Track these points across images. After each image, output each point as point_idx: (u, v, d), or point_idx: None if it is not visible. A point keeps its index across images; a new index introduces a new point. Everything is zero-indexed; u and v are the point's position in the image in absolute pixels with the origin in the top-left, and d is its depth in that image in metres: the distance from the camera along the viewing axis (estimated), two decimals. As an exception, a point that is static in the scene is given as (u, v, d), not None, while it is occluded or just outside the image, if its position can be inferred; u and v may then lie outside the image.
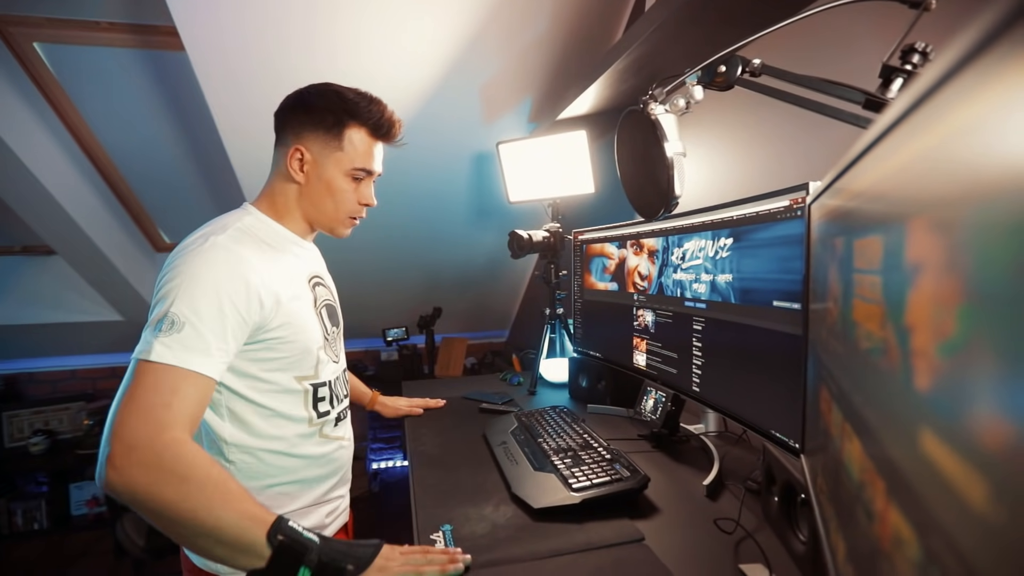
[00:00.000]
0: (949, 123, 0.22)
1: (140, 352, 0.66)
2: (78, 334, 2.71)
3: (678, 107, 0.83)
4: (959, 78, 0.20)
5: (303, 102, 0.85)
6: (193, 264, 0.71)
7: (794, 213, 0.77)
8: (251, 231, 0.83)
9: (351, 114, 0.84)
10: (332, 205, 0.87)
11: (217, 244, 0.74)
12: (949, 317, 0.21)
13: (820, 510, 0.56)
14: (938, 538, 0.22)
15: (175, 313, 0.66)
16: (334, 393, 0.93)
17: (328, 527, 0.93)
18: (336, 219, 0.90)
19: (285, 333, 0.80)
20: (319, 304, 0.91)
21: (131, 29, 1.67)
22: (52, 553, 2.51)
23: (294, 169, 0.84)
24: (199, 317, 0.68)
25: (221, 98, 1.69)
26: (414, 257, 2.65)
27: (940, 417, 0.22)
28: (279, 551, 0.60)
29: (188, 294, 0.68)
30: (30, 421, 2.70)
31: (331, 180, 0.85)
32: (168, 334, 0.65)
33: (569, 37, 1.74)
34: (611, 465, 0.96)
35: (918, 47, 0.61)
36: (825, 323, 0.56)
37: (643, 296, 1.26)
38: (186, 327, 0.66)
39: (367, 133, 0.86)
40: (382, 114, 0.86)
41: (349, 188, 0.87)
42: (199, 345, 0.67)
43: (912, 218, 0.26)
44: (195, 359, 0.66)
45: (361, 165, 0.86)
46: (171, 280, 0.70)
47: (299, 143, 0.84)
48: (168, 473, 0.58)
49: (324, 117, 0.83)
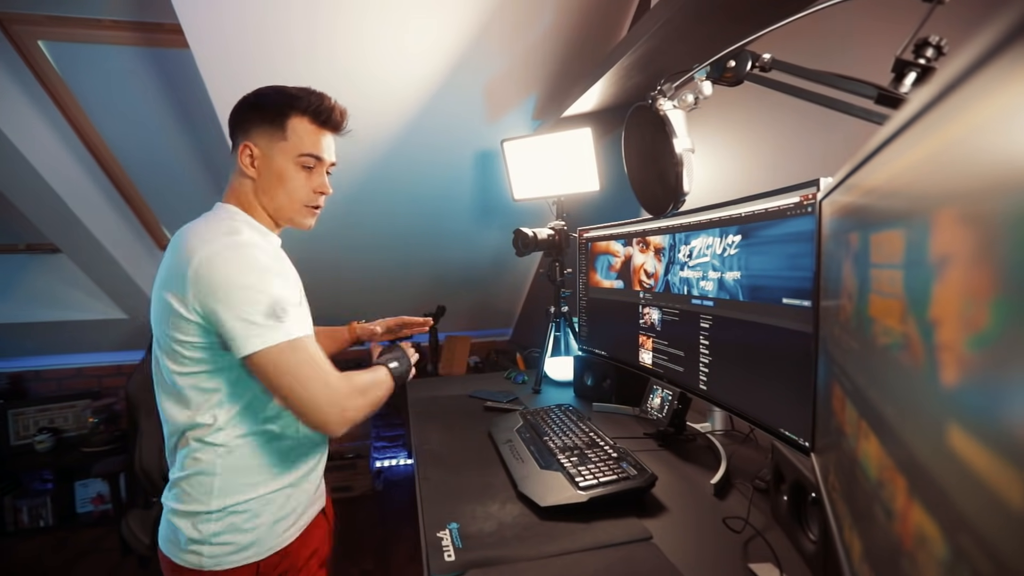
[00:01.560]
0: (980, 112, 0.21)
1: (282, 338, 0.78)
2: (83, 332, 2.71)
3: (686, 103, 0.82)
4: (992, 65, 0.20)
5: (247, 101, 0.90)
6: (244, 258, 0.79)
7: (804, 209, 0.76)
8: (250, 225, 0.89)
9: (291, 105, 0.88)
10: (285, 195, 0.91)
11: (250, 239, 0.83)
12: (982, 309, 0.20)
13: (832, 508, 0.55)
14: (968, 536, 0.21)
15: (271, 304, 0.78)
16: None
17: (311, 508, 0.96)
18: (292, 209, 0.93)
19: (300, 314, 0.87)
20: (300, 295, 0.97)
21: (135, 27, 1.67)
22: (58, 550, 2.52)
23: (246, 165, 0.89)
24: (286, 300, 0.80)
25: (225, 95, 1.69)
26: (418, 255, 2.65)
27: (970, 412, 0.22)
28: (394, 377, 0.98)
29: (266, 281, 0.79)
30: (35, 419, 2.71)
31: (281, 170, 0.89)
32: (285, 317, 0.79)
33: (574, 34, 1.74)
34: (618, 463, 0.95)
35: (932, 41, 0.61)
36: (838, 320, 0.55)
37: (649, 294, 1.26)
38: (289, 308, 0.80)
39: (309, 121, 0.90)
40: (321, 102, 0.90)
41: (299, 176, 0.91)
42: (300, 316, 0.83)
43: (938, 210, 0.26)
44: (303, 328, 0.82)
45: (307, 151, 0.89)
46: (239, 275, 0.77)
47: (247, 139, 0.88)
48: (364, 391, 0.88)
49: (266, 111, 0.88)
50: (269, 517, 0.87)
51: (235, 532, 0.83)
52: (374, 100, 1.78)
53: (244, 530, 0.84)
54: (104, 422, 2.68)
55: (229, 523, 0.83)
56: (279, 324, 0.77)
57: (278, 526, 0.88)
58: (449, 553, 0.75)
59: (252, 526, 0.84)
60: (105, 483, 2.77)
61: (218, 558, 0.82)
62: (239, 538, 0.84)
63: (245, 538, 0.84)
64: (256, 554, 0.85)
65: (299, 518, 0.93)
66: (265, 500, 0.86)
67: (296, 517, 0.92)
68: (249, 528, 0.84)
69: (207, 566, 0.82)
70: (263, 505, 0.86)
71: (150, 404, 1.76)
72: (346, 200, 2.09)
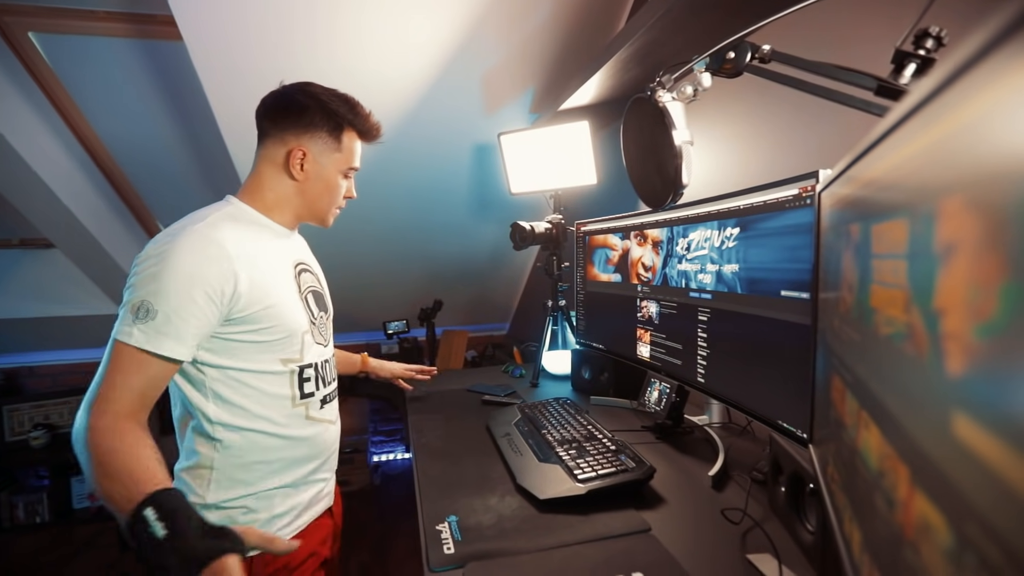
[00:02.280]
0: (988, 98, 0.21)
1: (120, 334, 0.72)
2: (77, 327, 2.70)
3: (685, 95, 0.82)
4: (1002, 48, 0.20)
5: (300, 106, 0.90)
6: (170, 250, 0.75)
7: (803, 201, 0.76)
8: (231, 219, 0.86)
9: (348, 121, 0.93)
10: (328, 200, 0.96)
11: (194, 230, 0.79)
12: (990, 297, 0.20)
13: (831, 499, 0.56)
14: (974, 524, 0.21)
15: (152, 301, 0.73)
16: (320, 376, 0.96)
17: (311, 508, 0.95)
18: (328, 211, 0.98)
19: (268, 316, 0.84)
20: (304, 290, 0.95)
21: (128, 19, 1.64)
22: (55, 546, 2.52)
23: (295, 168, 0.90)
24: (174, 304, 0.73)
25: (220, 88, 1.67)
26: (415, 250, 2.64)
27: (978, 400, 0.22)
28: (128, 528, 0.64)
29: (164, 281, 0.74)
30: (30, 415, 2.70)
31: (329, 179, 0.94)
32: (145, 321, 0.72)
33: (571, 26, 1.73)
34: (616, 456, 0.95)
35: (932, 32, 0.60)
36: (837, 311, 0.55)
37: (647, 287, 1.26)
38: (159, 315, 0.73)
39: (358, 136, 0.96)
40: (369, 120, 0.97)
41: (342, 184, 0.97)
42: (172, 332, 0.73)
43: (944, 198, 0.25)
44: (167, 344, 0.73)
45: (354, 165, 0.97)
46: (150, 266, 0.75)
47: (300, 145, 0.90)
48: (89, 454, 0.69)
49: (326, 122, 0.91)
50: (265, 514, 0.86)
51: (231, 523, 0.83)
52: (372, 92, 1.76)
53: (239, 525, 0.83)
54: (100, 418, 2.66)
55: (225, 517, 0.83)
56: (133, 321, 0.72)
57: (274, 524, 0.87)
58: (448, 546, 0.75)
59: (247, 521, 0.84)
60: (102, 479, 2.76)
61: None
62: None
63: None
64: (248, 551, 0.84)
65: (297, 517, 0.91)
66: (261, 497, 0.85)
67: (294, 516, 0.91)
68: (244, 524, 0.84)
69: None
70: (259, 502, 0.85)
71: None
72: (342, 194, 2.08)
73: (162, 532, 0.62)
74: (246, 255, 0.82)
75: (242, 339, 0.82)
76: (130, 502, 0.64)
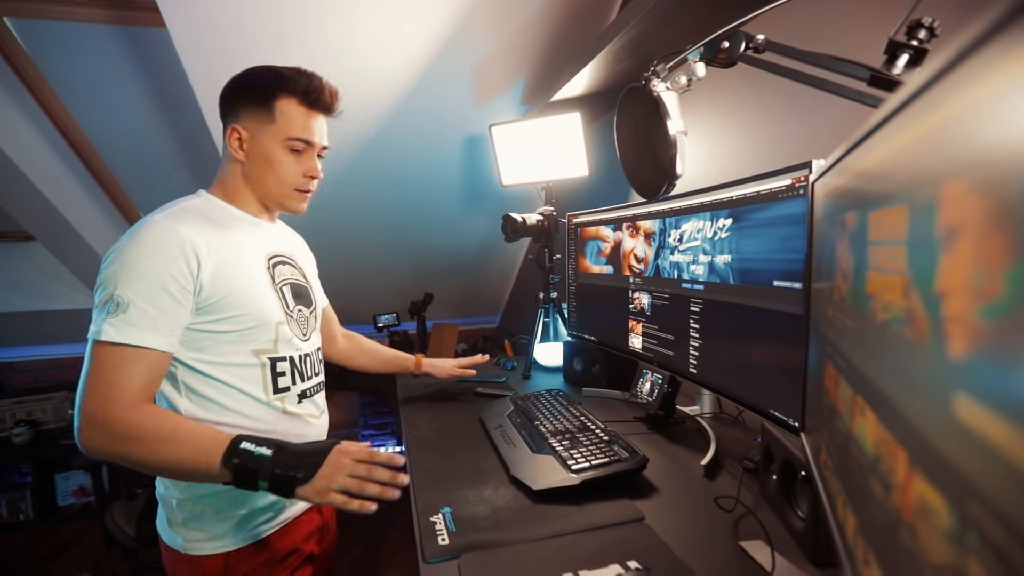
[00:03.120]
0: (990, 82, 0.21)
1: (92, 333, 0.72)
2: (59, 322, 2.64)
3: (679, 84, 0.82)
4: (1005, 33, 0.19)
5: (236, 83, 0.87)
6: (131, 244, 0.75)
7: (796, 192, 0.77)
8: (194, 210, 0.84)
9: (279, 86, 0.85)
10: (273, 178, 0.89)
11: (154, 221, 0.78)
12: (996, 279, 0.20)
13: (824, 486, 0.56)
14: (977, 504, 0.22)
15: (119, 295, 0.72)
16: (296, 370, 0.92)
17: (296, 504, 0.93)
18: (282, 194, 0.91)
19: (233, 304, 0.82)
20: (279, 282, 0.92)
21: (109, 4, 1.60)
22: (39, 543, 2.48)
23: (234, 148, 0.87)
24: (141, 295, 0.73)
25: (204, 77, 1.64)
26: (405, 242, 2.62)
27: (981, 381, 0.22)
28: (236, 472, 0.70)
29: (129, 274, 0.73)
30: (12, 411, 2.65)
31: (269, 153, 0.87)
32: (114, 315, 0.71)
33: (563, 17, 1.71)
34: (609, 446, 0.96)
35: (924, 22, 0.61)
36: (831, 300, 0.56)
37: (639, 279, 1.26)
38: (131, 308, 0.72)
39: (298, 103, 0.86)
40: (311, 82, 0.87)
41: (288, 160, 0.88)
42: (144, 322, 0.73)
43: (946, 182, 0.26)
44: (140, 335, 0.72)
45: (296, 135, 0.86)
46: (113, 262, 0.75)
47: (236, 122, 0.86)
48: (123, 439, 0.70)
49: (254, 92, 0.85)
50: (244, 510, 0.85)
51: (205, 520, 0.83)
52: (362, 81, 1.74)
53: (215, 520, 0.83)
54: (84, 414, 2.62)
55: (200, 511, 0.83)
56: (101, 319, 0.72)
57: (254, 518, 0.86)
58: (443, 537, 0.75)
59: (223, 517, 0.84)
60: (87, 475, 2.72)
61: (192, 543, 0.83)
62: (210, 527, 0.83)
63: (216, 528, 0.83)
64: (225, 545, 0.84)
65: (279, 513, 0.90)
66: (239, 493, 0.82)
67: (276, 512, 0.89)
68: (221, 518, 0.84)
69: (182, 549, 0.83)
70: (237, 497, 0.84)
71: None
72: (331, 184, 2.05)
73: (268, 451, 0.71)
74: (206, 243, 0.80)
75: (209, 329, 0.81)
76: (215, 449, 0.70)
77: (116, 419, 0.70)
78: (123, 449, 0.70)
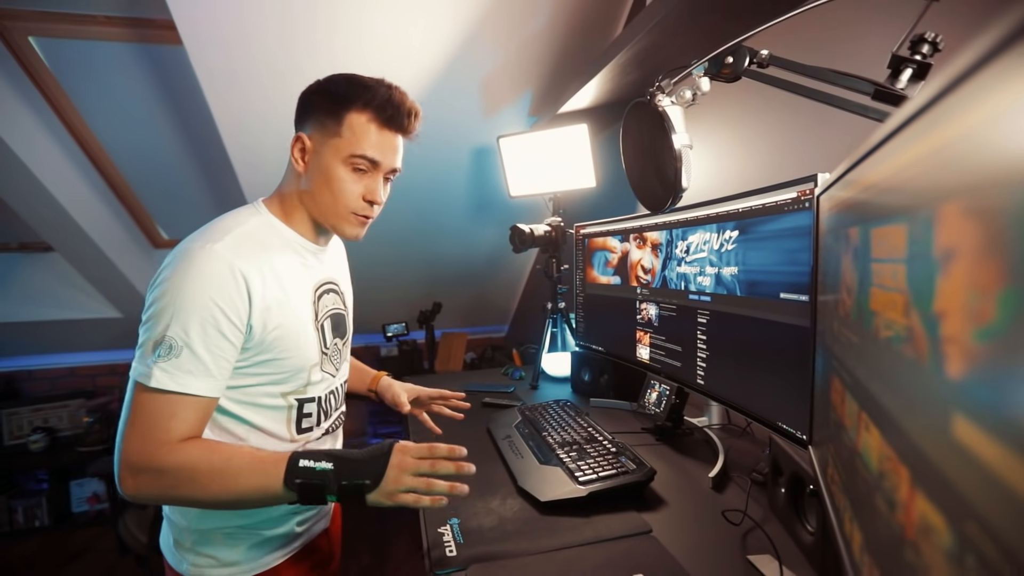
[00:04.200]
0: (987, 106, 0.22)
1: (140, 376, 0.66)
2: (76, 331, 2.70)
3: (684, 99, 0.82)
4: (1000, 59, 0.20)
5: (312, 88, 0.81)
6: (187, 277, 0.68)
7: (802, 205, 0.77)
8: (254, 237, 0.77)
9: (352, 96, 0.77)
10: (330, 197, 0.79)
11: (214, 254, 0.70)
12: (989, 302, 0.21)
13: (832, 500, 0.56)
14: (975, 525, 0.22)
15: (172, 337, 0.66)
16: (322, 409, 0.88)
17: (309, 532, 0.90)
18: (336, 214, 0.80)
19: (276, 350, 0.76)
20: (322, 316, 0.86)
21: (128, 23, 1.65)
22: (54, 550, 2.51)
23: (295, 158, 0.79)
24: (196, 339, 0.67)
25: (220, 93, 1.68)
26: (414, 252, 2.64)
27: (977, 403, 0.22)
28: (302, 492, 0.66)
29: (184, 314, 0.66)
30: (29, 419, 2.69)
31: (328, 169, 0.77)
32: (167, 359, 0.66)
33: (570, 30, 1.73)
34: (617, 458, 0.96)
35: (928, 37, 0.61)
36: (837, 314, 0.56)
37: (646, 290, 1.26)
38: (184, 351, 0.66)
39: (370, 118, 0.77)
40: (389, 96, 0.78)
41: (348, 179, 0.78)
42: (198, 368, 0.67)
43: (943, 204, 0.26)
44: (194, 383, 0.67)
45: (361, 152, 0.77)
46: (165, 293, 0.67)
47: (302, 130, 0.80)
48: (175, 479, 0.65)
49: (325, 100, 0.78)
50: (254, 538, 0.82)
51: (216, 546, 0.80)
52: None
53: (225, 546, 0.80)
54: (99, 421, 2.66)
55: (210, 537, 0.80)
56: (151, 362, 0.65)
57: (264, 548, 0.83)
58: (451, 548, 0.76)
59: (234, 544, 0.80)
60: (101, 482, 2.75)
61: (200, 569, 0.79)
62: (220, 553, 0.80)
63: (227, 555, 0.80)
64: (233, 573, 0.80)
65: (292, 542, 0.87)
66: (250, 525, 0.81)
67: (288, 541, 0.86)
68: (231, 545, 0.80)
69: (187, 573, 0.80)
70: (248, 528, 0.81)
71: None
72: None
73: (329, 464, 0.68)
74: (261, 281, 0.73)
75: (248, 371, 0.75)
76: (274, 471, 0.66)
77: (163, 463, 0.65)
78: (177, 492, 0.65)
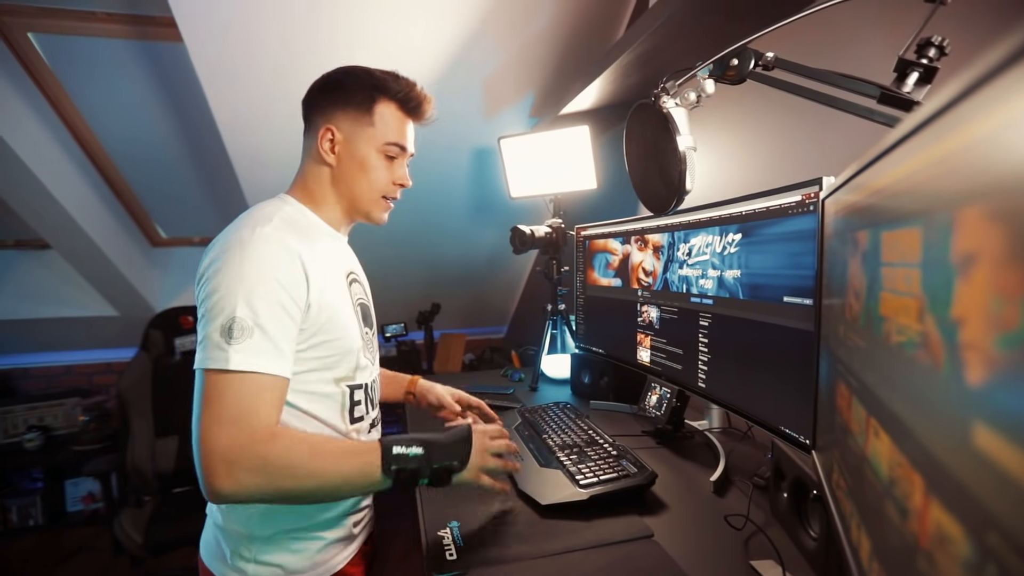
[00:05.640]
0: (1008, 110, 0.21)
1: (214, 362, 0.64)
2: (73, 329, 2.68)
3: (689, 101, 0.82)
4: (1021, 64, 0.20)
5: (332, 82, 0.84)
6: (245, 260, 0.68)
7: (806, 208, 0.77)
8: (296, 221, 0.79)
9: (381, 89, 0.83)
10: (367, 184, 0.84)
11: (266, 235, 0.71)
12: (1013, 308, 0.20)
13: (837, 506, 0.56)
14: (996, 535, 0.21)
15: (241, 318, 0.65)
16: (368, 397, 0.88)
17: (357, 538, 0.88)
18: (371, 200, 0.86)
19: (329, 331, 0.76)
20: (355, 302, 0.87)
21: (128, 20, 1.64)
22: (48, 549, 2.49)
23: (325, 150, 0.82)
24: (265, 318, 0.67)
25: (220, 90, 1.67)
26: (414, 253, 2.64)
27: (998, 411, 0.22)
28: (397, 479, 0.69)
29: (250, 295, 0.66)
30: (24, 417, 2.67)
31: (364, 157, 0.83)
32: (240, 341, 0.65)
33: (572, 32, 1.73)
34: (618, 461, 0.95)
35: (934, 41, 0.61)
36: (843, 318, 0.56)
37: (648, 292, 1.26)
38: (256, 332, 0.66)
39: (397, 108, 0.85)
40: (411, 89, 0.86)
41: (382, 165, 0.85)
42: (270, 348, 0.67)
43: (963, 207, 0.26)
44: (270, 363, 0.67)
45: (394, 140, 0.84)
46: (224, 280, 0.67)
47: (329, 123, 0.82)
48: (277, 469, 0.64)
49: (354, 94, 0.82)
50: (318, 544, 0.79)
51: (282, 553, 0.77)
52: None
53: (291, 552, 0.77)
54: (95, 420, 2.64)
55: (276, 543, 0.76)
56: (226, 345, 0.64)
57: (325, 552, 0.80)
58: (451, 552, 0.75)
59: (299, 550, 0.77)
60: (96, 482, 2.73)
61: None
62: (287, 561, 0.77)
63: (293, 562, 0.77)
64: None
65: (350, 543, 0.85)
66: (311, 527, 0.78)
67: (346, 543, 0.84)
68: (296, 551, 0.77)
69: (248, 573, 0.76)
70: (310, 530, 0.78)
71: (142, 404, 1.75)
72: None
73: (420, 448, 0.71)
74: (310, 260, 0.74)
75: (302, 355, 0.74)
76: (373, 457, 0.69)
77: (266, 451, 0.63)
78: (276, 483, 0.63)
